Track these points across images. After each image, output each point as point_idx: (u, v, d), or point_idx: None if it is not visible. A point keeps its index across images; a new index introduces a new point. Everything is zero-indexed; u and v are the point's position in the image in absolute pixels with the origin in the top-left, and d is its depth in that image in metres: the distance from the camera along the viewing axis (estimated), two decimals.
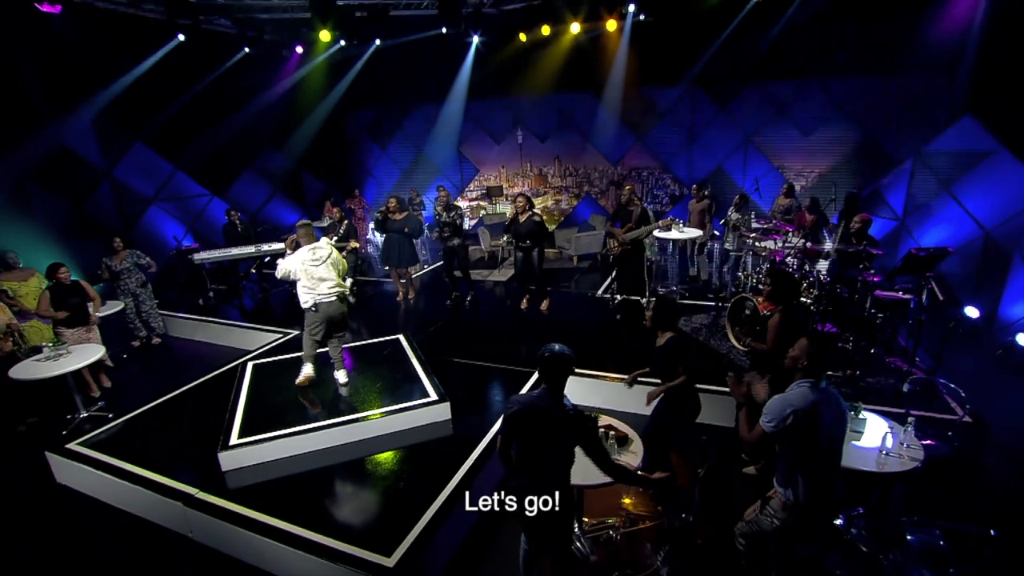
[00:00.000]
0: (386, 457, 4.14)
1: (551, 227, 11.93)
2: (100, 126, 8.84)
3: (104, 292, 7.42)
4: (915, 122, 9.52)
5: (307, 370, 4.95)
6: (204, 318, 7.66)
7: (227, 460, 3.97)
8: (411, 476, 3.91)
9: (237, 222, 8.90)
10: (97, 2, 7.53)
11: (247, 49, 10.03)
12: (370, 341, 6.04)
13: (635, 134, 12.16)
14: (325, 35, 9.37)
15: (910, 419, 3.28)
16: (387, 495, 3.71)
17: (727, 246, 7.80)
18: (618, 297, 7.23)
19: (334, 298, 4.77)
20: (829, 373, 4.86)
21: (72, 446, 4.38)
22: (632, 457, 3.28)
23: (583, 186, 13.00)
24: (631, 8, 9.32)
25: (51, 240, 7.77)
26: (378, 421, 4.35)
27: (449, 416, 4.52)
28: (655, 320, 3.69)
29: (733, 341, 5.23)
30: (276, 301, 8.46)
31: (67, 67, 7.84)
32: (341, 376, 5.02)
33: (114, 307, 6.90)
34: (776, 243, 6.44)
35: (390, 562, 3.05)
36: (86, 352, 5.29)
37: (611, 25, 10.33)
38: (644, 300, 7.09)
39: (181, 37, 8.62)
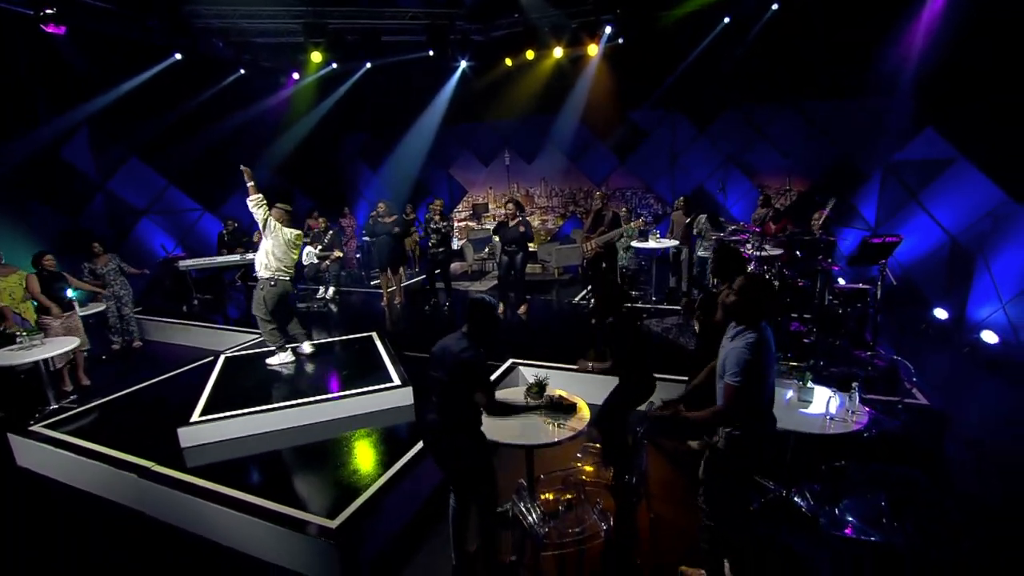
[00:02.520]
0: (345, 437, 4.16)
1: (535, 247, 12.14)
2: (96, 140, 9.14)
3: (87, 297, 7.55)
4: (882, 138, 9.89)
5: (286, 354, 5.17)
6: (185, 322, 7.74)
7: (186, 436, 4.00)
8: (368, 453, 3.93)
9: (228, 232, 9.08)
10: (100, 26, 7.94)
11: (242, 70, 10.47)
12: (344, 337, 6.11)
13: (618, 156, 12.51)
14: (317, 56, 9.79)
15: (854, 384, 3.34)
16: (342, 470, 3.72)
17: (701, 253, 7.99)
18: (592, 301, 7.33)
19: (287, 279, 5.15)
20: (793, 364, 4.93)
21: (35, 428, 4.41)
22: (577, 423, 3.32)
23: (568, 206, 13.27)
24: (607, 31, 9.74)
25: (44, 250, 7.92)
26: (340, 403, 4.39)
27: (412, 401, 4.56)
28: (603, 304, 3.79)
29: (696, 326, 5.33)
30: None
31: (65, 79, 8.16)
32: (307, 346, 5.40)
33: (95, 308, 7.00)
34: (747, 245, 6.59)
35: (332, 524, 3.06)
36: (60, 343, 5.37)
37: (592, 50, 10.80)
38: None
39: (178, 56, 9.02)
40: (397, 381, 4.66)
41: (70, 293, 6.05)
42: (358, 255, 12.08)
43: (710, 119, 11.51)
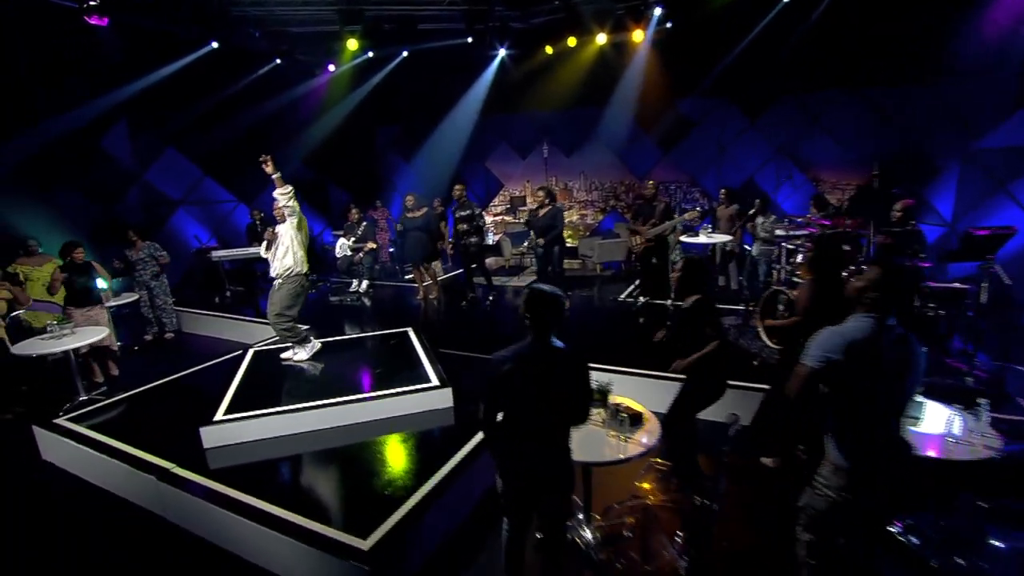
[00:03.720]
0: (379, 442, 3.80)
1: (574, 242, 11.65)
2: (135, 130, 9.11)
3: (122, 286, 7.47)
4: (956, 127, 9.07)
5: (315, 343, 5.00)
6: (218, 313, 7.57)
7: (209, 437, 3.70)
8: (404, 461, 3.56)
9: (258, 221, 8.92)
10: (139, 18, 7.85)
11: (278, 60, 10.31)
12: (376, 333, 5.78)
13: (662, 148, 11.90)
14: (353, 44, 9.54)
15: (981, 402, 2.78)
16: (375, 479, 3.36)
17: (755, 251, 7.37)
18: (641, 300, 6.82)
19: None
20: None
21: (59, 421, 4.20)
22: (647, 437, 2.86)
23: (609, 200, 12.72)
24: (656, 13, 9.17)
25: (82, 240, 7.89)
26: (374, 404, 4.04)
27: (451, 403, 4.17)
28: (682, 281, 3.32)
29: (764, 338, 4.77)
30: None
31: (103, 67, 8.11)
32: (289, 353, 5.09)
33: (128, 298, 6.87)
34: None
35: (365, 545, 2.69)
36: (91, 332, 5.20)
37: (637, 36, 10.22)
38: (670, 303, 6.65)
39: (215, 44, 8.89)
40: (435, 381, 4.28)
41: (102, 284, 5.89)
42: (391, 249, 11.84)
43: (762, 108, 10.79)
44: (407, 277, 9.82)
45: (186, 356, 6.73)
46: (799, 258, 5.27)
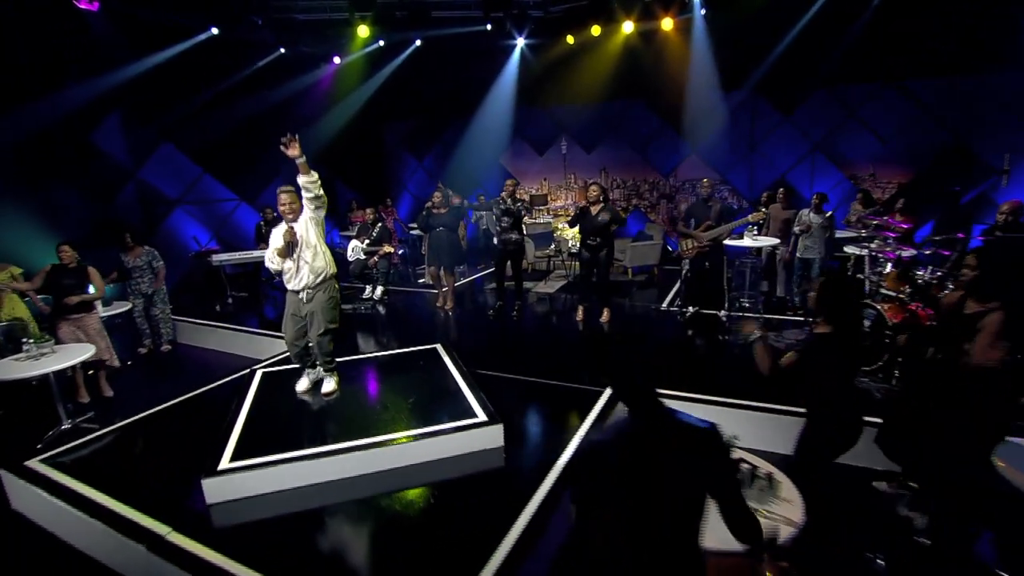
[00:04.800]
0: (418, 495, 3.13)
1: (576, 238, 11.00)
2: (129, 125, 8.42)
3: (116, 294, 6.79)
4: (1012, 122, 8.47)
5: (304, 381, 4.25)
6: (219, 324, 6.87)
7: (213, 490, 3.02)
8: (452, 522, 2.89)
9: (263, 223, 8.21)
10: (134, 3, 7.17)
11: (282, 49, 9.62)
12: (402, 351, 5.08)
13: (690, 143, 11.22)
14: (364, 30, 8.85)
15: None
16: (418, 548, 2.69)
17: (803, 254, 6.69)
18: (690, 309, 6.14)
19: None
20: None
21: (32, 463, 3.51)
22: (789, 509, 2.19)
23: (631, 199, 12.05)
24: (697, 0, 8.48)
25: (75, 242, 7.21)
26: (410, 446, 3.35)
27: (501, 442, 3.49)
28: (822, 301, 2.66)
29: None
30: None
31: (95, 55, 7.41)
32: (327, 386, 4.19)
33: (120, 307, 6.18)
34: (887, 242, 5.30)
35: None
36: (74, 351, 4.51)
37: (667, 24, 9.55)
38: (723, 313, 5.98)
39: (215, 31, 8.19)
40: (482, 415, 3.59)
41: (92, 290, 5.21)
42: (400, 251, 11.17)
43: (796, 102, 10.13)
44: (420, 281, 9.15)
45: (184, 373, 6.07)
46: (888, 268, 4.60)
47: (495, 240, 6.54)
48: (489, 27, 9.33)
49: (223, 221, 9.67)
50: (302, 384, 4.20)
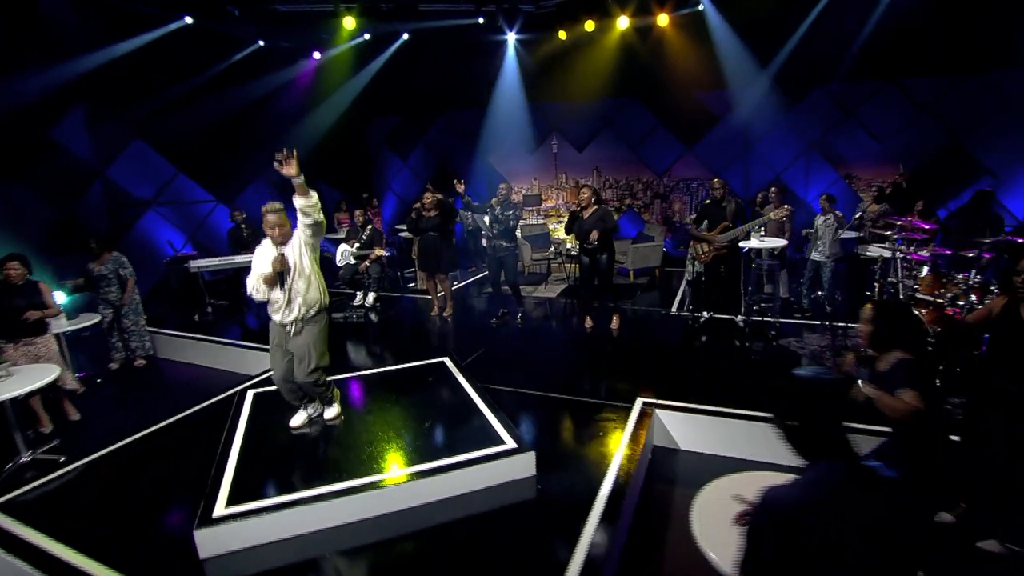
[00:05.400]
0: (445, 536, 2.74)
1: (574, 242, 10.72)
2: (94, 120, 7.77)
3: (84, 304, 6.20)
4: (1011, 122, 8.52)
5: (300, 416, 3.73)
6: (199, 336, 6.33)
7: (208, 542, 2.58)
8: (490, 570, 2.51)
9: (243, 226, 7.67)
10: None
11: (261, 42, 9.08)
12: (406, 365, 4.67)
13: (684, 142, 11.03)
14: (350, 22, 8.39)
15: None
16: None
17: (816, 256, 6.51)
18: (704, 314, 5.87)
19: None
20: None
21: None
22: None
23: (624, 199, 11.81)
24: None
25: (32, 248, 6.55)
26: (432, 481, 2.95)
27: (533, 471, 3.13)
28: (876, 334, 2.38)
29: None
30: None
31: (53, 40, 6.78)
32: (330, 412, 3.76)
33: (88, 320, 5.61)
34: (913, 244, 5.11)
35: None
36: (34, 374, 3.98)
37: (662, 20, 9.32)
38: (740, 318, 5.73)
39: (188, 19, 7.62)
40: (510, 441, 3.22)
41: (61, 299, 4.67)
42: (387, 253, 10.70)
43: (793, 100, 10.00)
44: (410, 286, 8.72)
45: (162, 391, 5.54)
46: (924, 271, 4.39)
47: (483, 242, 6.18)
48: (482, 20, 8.96)
49: (199, 224, 9.05)
50: (298, 419, 3.66)
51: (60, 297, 5.52)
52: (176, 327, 6.70)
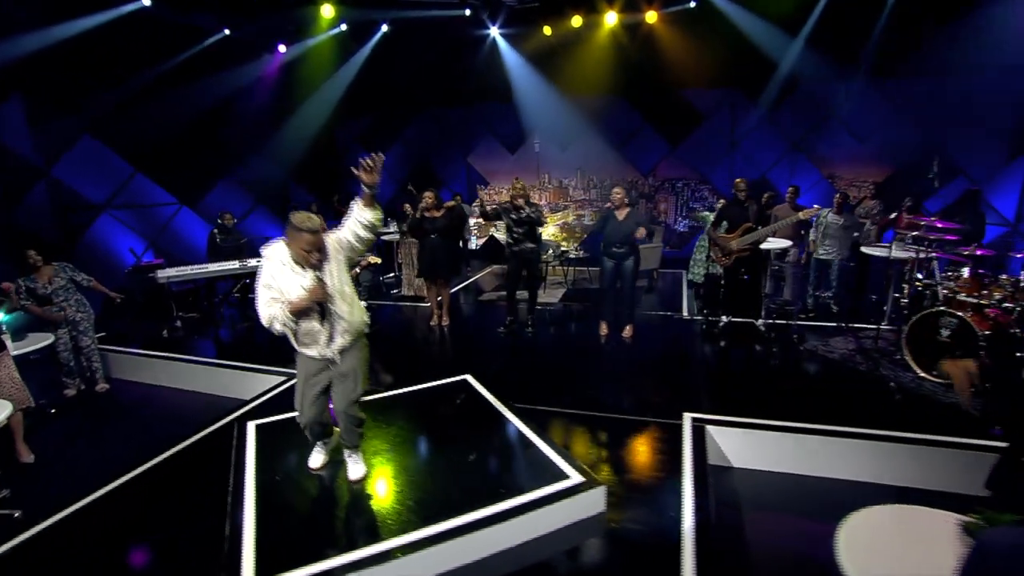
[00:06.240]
0: None
1: (569, 246, 10.45)
2: (35, 112, 6.89)
3: (28, 322, 5.39)
4: (980, 123, 8.77)
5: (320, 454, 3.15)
6: (171, 355, 5.63)
7: None
8: None
9: (217, 232, 6.92)
10: None
11: (227, 31, 8.34)
12: (425, 385, 4.19)
13: (668, 142, 10.93)
14: (329, 10, 7.80)
15: None
16: None
17: (823, 255, 6.43)
18: (724, 319, 5.65)
19: None
20: None
21: None
22: None
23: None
24: None
25: None
26: (496, 531, 2.52)
27: (603, 507, 2.75)
28: (988, 370, 2.11)
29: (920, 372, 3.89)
30: (265, 334, 6.49)
31: None
32: (356, 471, 3.02)
33: (39, 341, 4.86)
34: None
35: None
36: None
37: (651, 17, 9.15)
38: (760, 322, 5.53)
39: (147, 1, 6.85)
40: (575, 475, 2.82)
41: None
42: (379, 260, 10.06)
43: (777, 100, 10.03)
44: (393, 292, 8.18)
45: (132, 421, 4.85)
46: (965, 272, 4.27)
47: (510, 248, 5.77)
48: (468, 12, 8.52)
49: (161, 229, 8.22)
50: (317, 459, 3.12)
51: None
52: (141, 345, 5.96)
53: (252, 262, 6.48)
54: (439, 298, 6.28)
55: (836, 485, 3.42)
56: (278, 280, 2.63)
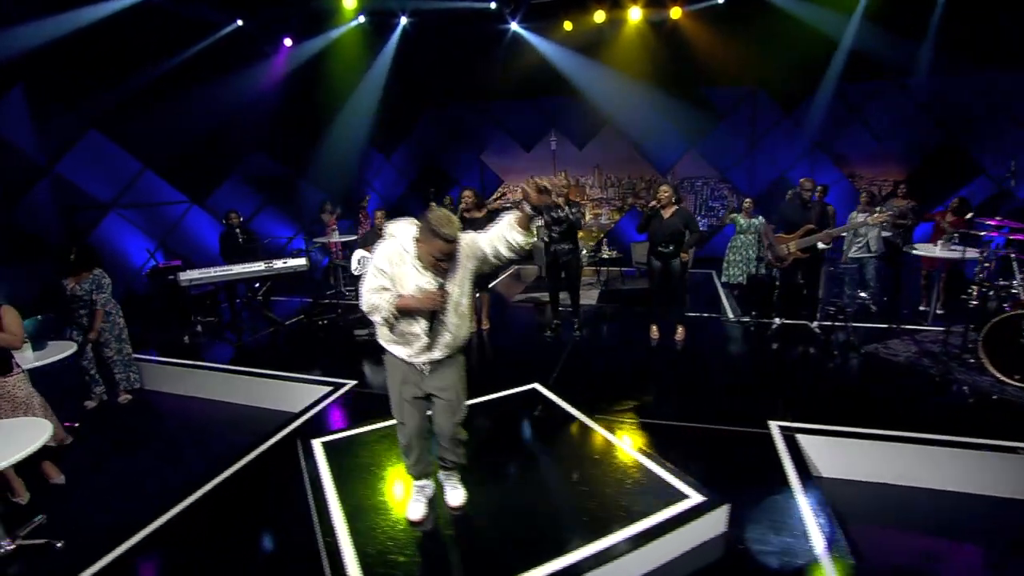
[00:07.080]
0: None
1: (589, 247, 10.24)
2: (39, 105, 6.46)
3: (46, 328, 5.04)
4: (1006, 121, 8.78)
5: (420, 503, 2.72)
6: (197, 363, 5.28)
7: None
8: None
9: (239, 231, 6.57)
10: None
11: (239, 22, 7.98)
12: (493, 396, 3.91)
13: (689, 140, 10.76)
14: (351, 1, 7.48)
15: None
16: None
17: (856, 253, 6.24)
18: (777, 321, 5.46)
19: None
20: None
21: None
22: None
23: (627, 198, 11.41)
24: None
25: None
26: (624, 563, 2.26)
27: (724, 527, 2.52)
28: None
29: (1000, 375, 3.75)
30: (290, 339, 6.14)
31: None
32: (455, 496, 2.74)
33: (60, 350, 4.48)
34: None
35: None
36: (17, 432, 2.96)
37: (676, 12, 8.98)
38: (815, 324, 5.34)
39: None
40: (695, 495, 2.58)
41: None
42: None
43: (800, 97, 9.92)
44: None
45: (161, 435, 4.50)
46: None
47: (547, 247, 5.53)
48: (493, 5, 8.25)
49: (171, 228, 7.80)
50: (417, 510, 2.65)
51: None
52: (162, 352, 5.59)
53: (278, 263, 6.13)
54: (478, 302, 6.01)
55: (935, 496, 3.23)
56: (395, 267, 2.31)
